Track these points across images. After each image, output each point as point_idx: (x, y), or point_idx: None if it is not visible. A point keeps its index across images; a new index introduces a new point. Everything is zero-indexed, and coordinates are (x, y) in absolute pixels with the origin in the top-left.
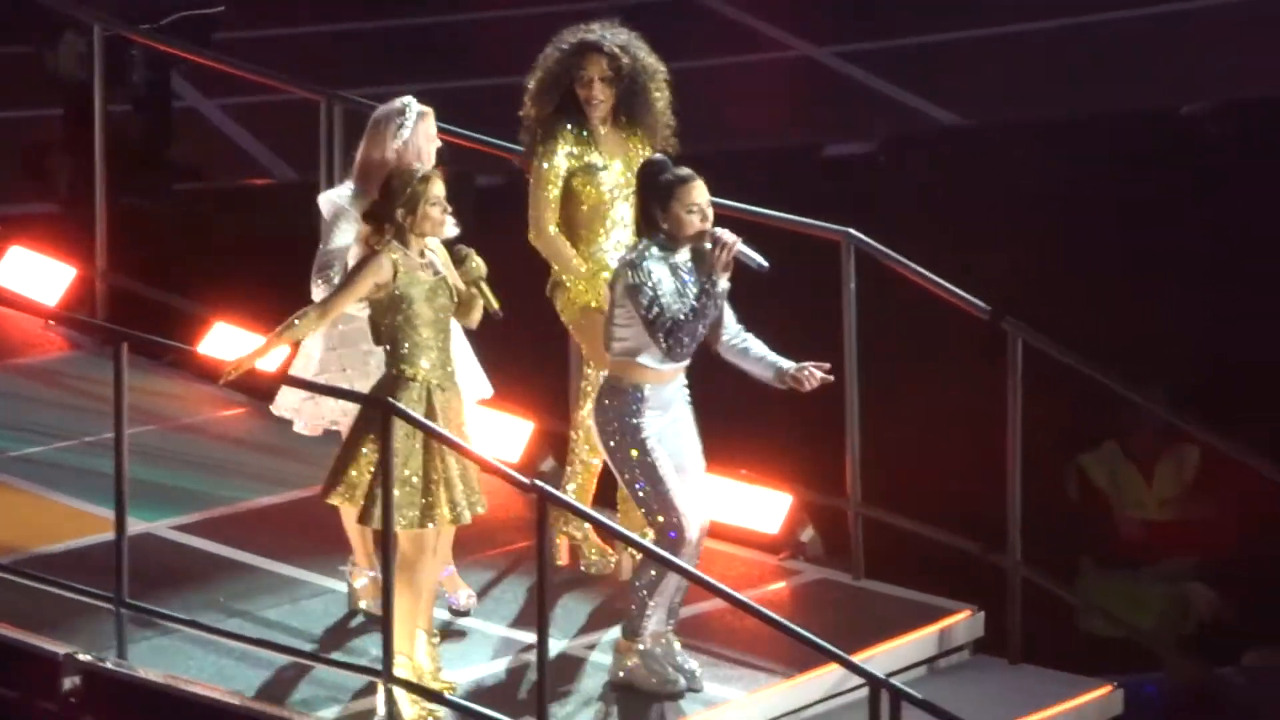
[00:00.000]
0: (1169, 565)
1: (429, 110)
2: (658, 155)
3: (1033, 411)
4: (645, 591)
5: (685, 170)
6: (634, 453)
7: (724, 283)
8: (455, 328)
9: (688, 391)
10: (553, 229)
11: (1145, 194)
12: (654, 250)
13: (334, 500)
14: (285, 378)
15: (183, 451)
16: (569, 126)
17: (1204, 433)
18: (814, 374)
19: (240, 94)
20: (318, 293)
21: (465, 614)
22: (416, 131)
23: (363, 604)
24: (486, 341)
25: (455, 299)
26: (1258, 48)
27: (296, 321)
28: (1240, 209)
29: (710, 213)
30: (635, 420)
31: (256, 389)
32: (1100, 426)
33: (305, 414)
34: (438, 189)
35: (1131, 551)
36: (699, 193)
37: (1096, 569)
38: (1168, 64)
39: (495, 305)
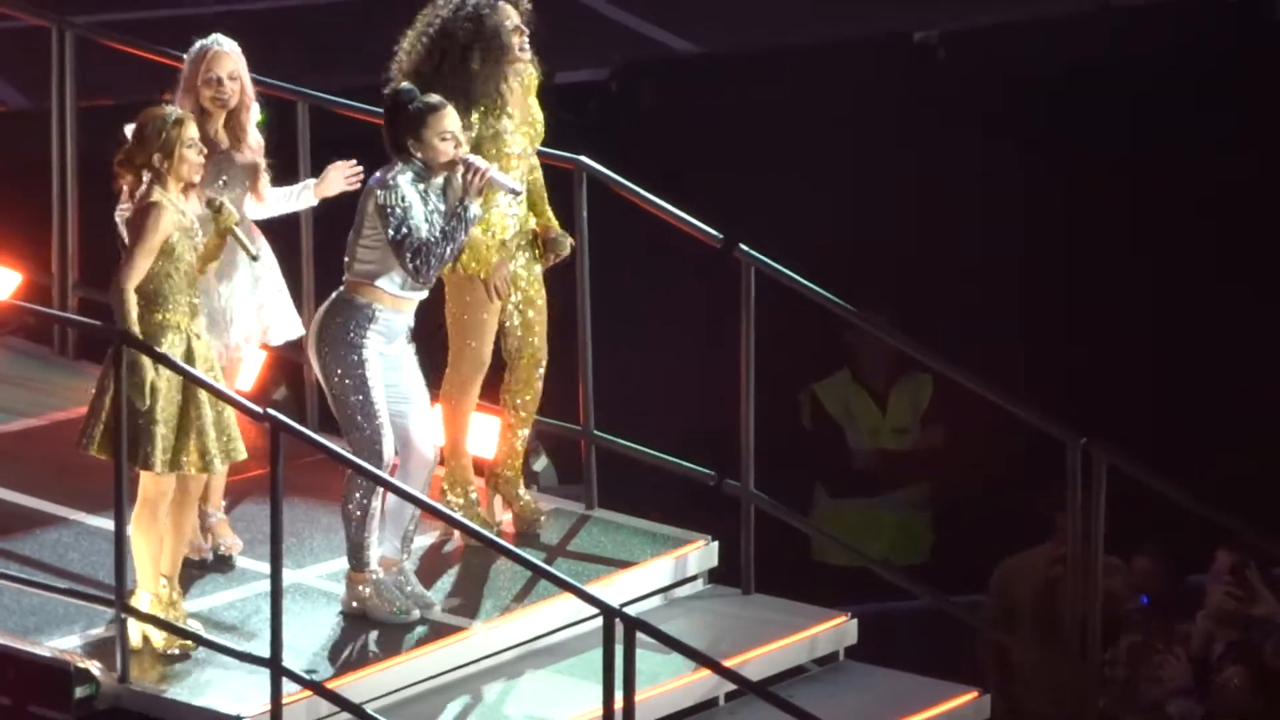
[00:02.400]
0: (902, 494)
1: (223, 50)
2: (405, 85)
3: (767, 340)
4: (356, 515)
5: (435, 98)
6: (348, 368)
7: (475, 209)
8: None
9: (411, 330)
10: None
11: (877, 121)
12: (408, 174)
13: (93, 451)
14: (14, 306)
15: None
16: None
17: (936, 361)
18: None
19: None
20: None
21: (229, 560)
22: (209, 68)
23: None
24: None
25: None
26: None
27: (130, 309)
28: (969, 134)
29: (464, 139)
30: (357, 337)
31: None
32: (834, 355)
33: None
34: (192, 131)
35: (865, 480)
36: (450, 120)
37: (830, 498)
38: None
39: (252, 251)
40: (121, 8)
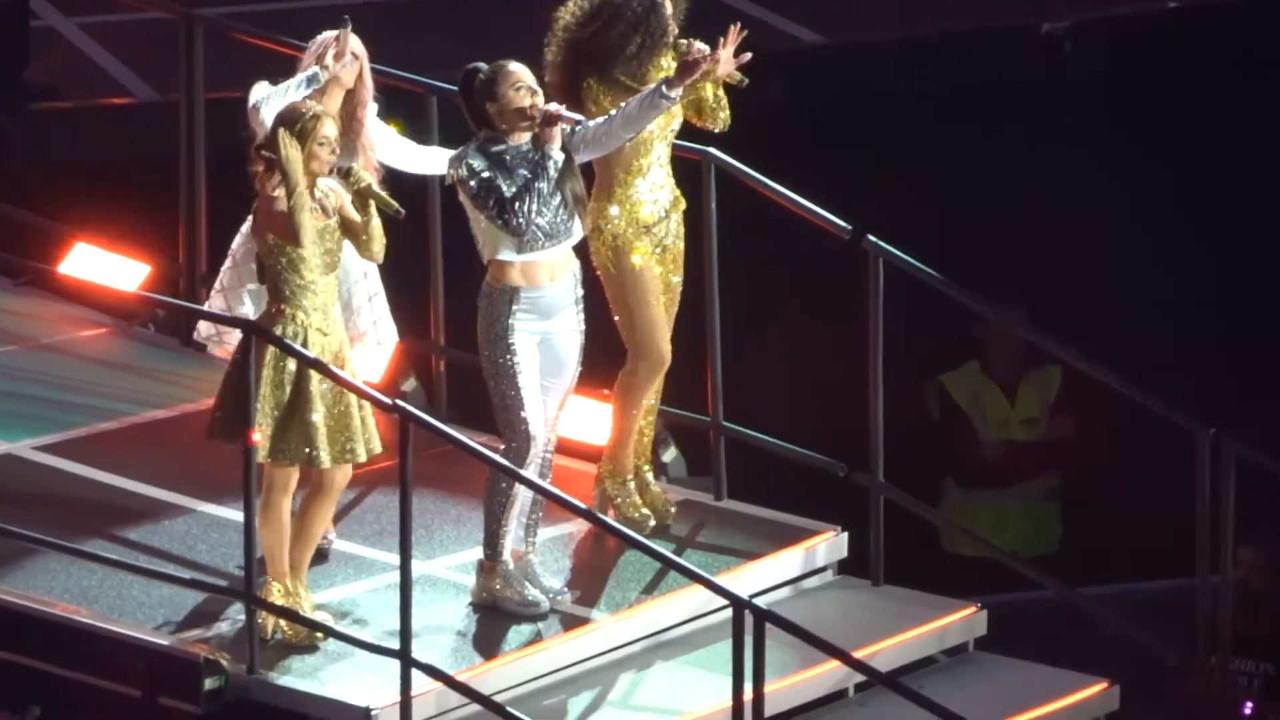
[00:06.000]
0: (1031, 486)
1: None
2: (470, 66)
3: (894, 331)
4: (498, 506)
5: (501, 61)
6: (498, 355)
7: (556, 153)
8: (366, 272)
9: (580, 305)
10: None
11: (1005, 112)
12: (473, 144)
13: (211, 437)
14: (144, 298)
15: (43, 371)
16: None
17: (1065, 352)
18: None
19: (99, 13)
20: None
21: (324, 553)
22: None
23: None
24: None
25: (341, 238)
26: None
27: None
28: (1098, 127)
29: (539, 88)
30: (506, 321)
31: (115, 309)
32: (962, 346)
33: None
34: (328, 129)
35: (994, 471)
36: (521, 72)
37: (959, 489)
38: None
39: (395, 206)
40: None
